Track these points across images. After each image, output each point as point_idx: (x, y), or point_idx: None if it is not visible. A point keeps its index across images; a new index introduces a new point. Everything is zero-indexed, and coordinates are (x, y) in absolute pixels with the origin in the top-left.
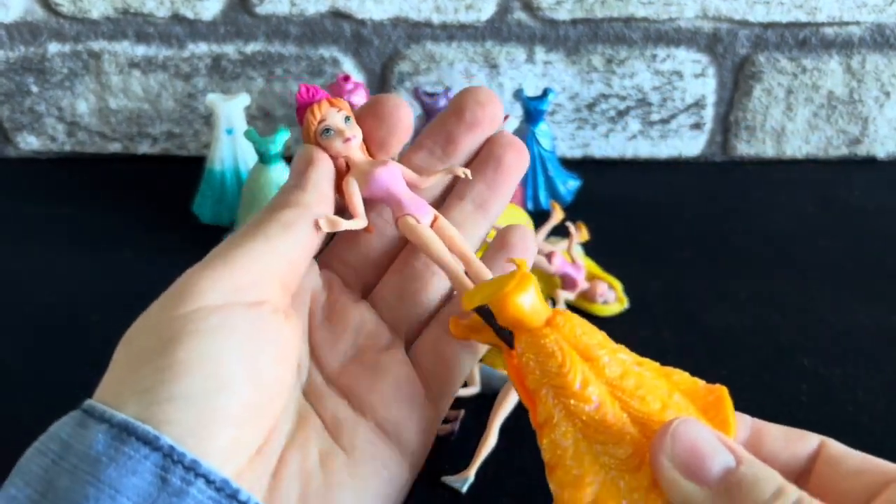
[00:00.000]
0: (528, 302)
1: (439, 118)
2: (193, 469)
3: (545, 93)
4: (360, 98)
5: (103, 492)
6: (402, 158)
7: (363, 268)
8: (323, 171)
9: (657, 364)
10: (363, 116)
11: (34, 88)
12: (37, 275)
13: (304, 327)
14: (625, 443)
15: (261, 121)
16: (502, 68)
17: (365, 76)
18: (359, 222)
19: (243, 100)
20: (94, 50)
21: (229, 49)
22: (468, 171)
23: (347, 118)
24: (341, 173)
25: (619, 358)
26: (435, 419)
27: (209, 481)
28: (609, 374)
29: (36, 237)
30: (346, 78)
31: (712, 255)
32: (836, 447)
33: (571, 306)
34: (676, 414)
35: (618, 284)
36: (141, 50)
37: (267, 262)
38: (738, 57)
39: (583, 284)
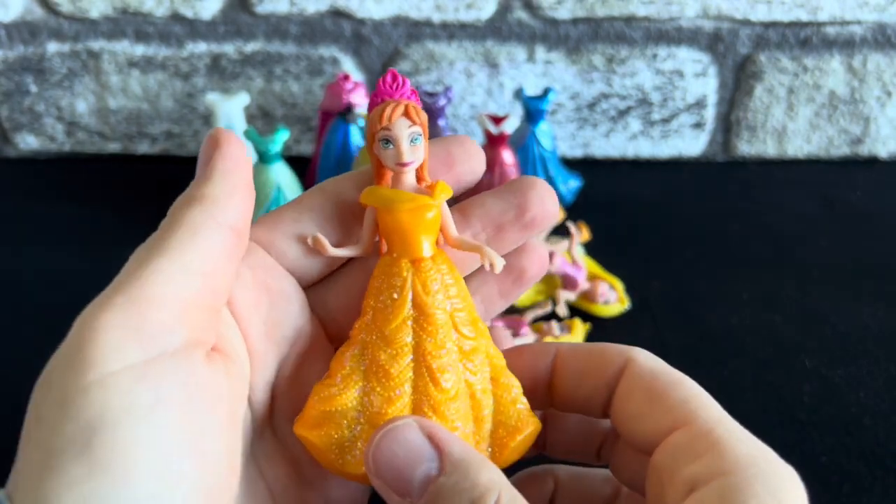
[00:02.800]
0: (408, 226)
1: (494, 199)
2: None
3: (546, 92)
4: (359, 97)
5: None
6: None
7: (346, 321)
8: (232, 157)
9: (506, 371)
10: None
11: (33, 88)
12: (36, 275)
13: (269, 370)
14: (387, 400)
15: (260, 120)
16: (503, 67)
17: (365, 75)
18: (352, 251)
19: (243, 99)
20: (93, 49)
21: (229, 48)
22: (500, 266)
23: (417, 138)
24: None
25: (454, 336)
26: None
27: None
28: (429, 341)
29: (35, 237)
30: (346, 77)
31: (714, 255)
32: (639, 367)
33: (573, 307)
34: (450, 409)
35: (619, 284)
36: (140, 49)
37: (180, 284)
38: (739, 56)
39: (584, 285)
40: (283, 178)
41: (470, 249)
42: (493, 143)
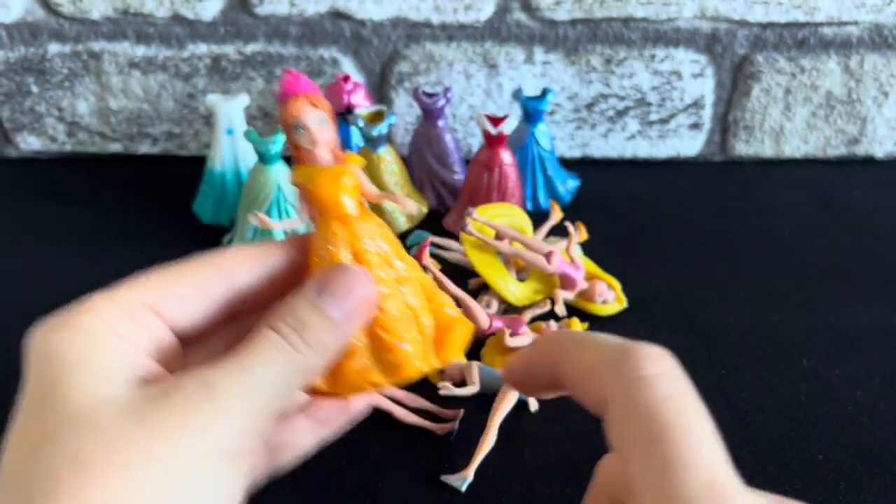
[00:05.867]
0: (329, 191)
1: None
2: None
3: (544, 93)
4: (359, 98)
5: None
6: None
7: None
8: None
9: (431, 285)
10: None
11: (34, 89)
12: (37, 275)
13: None
14: None
15: (260, 121)
16: (501, 68)
17: (365, 76)
18: (293, 223)
19: (243, 100)
20: (94, 50)
21: (229, 49)
22: (413, 208)
23: (322, 120)
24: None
25: (389, 270)
26: None
27: None
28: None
29: (36, 237)
30: (346, 78)
31: (711, 255)
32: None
33: (571, 307)
34: (398, 326)
35: (617, 284)
36: (141, 50)
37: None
38: (736, 57)
39: (582, 284)
40: (283, 178)
41: (388, 200)
42: (491, 144)
